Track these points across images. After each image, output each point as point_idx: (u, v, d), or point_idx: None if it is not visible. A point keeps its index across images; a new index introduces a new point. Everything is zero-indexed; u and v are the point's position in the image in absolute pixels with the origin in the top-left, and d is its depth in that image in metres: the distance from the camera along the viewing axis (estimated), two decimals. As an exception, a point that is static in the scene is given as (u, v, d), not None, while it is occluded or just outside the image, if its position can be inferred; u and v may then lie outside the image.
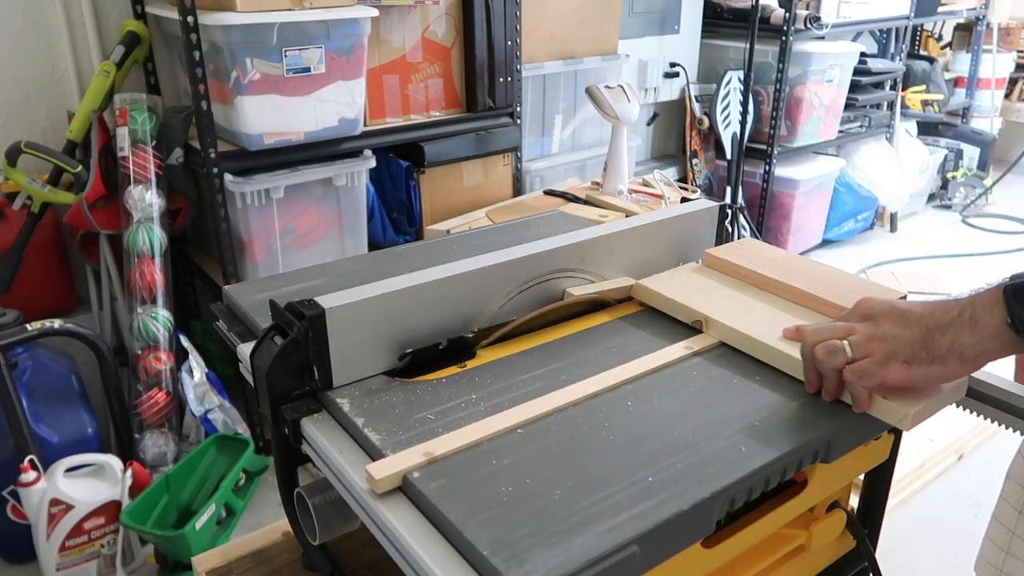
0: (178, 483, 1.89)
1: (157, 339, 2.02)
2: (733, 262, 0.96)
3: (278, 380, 0.73)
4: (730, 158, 3.43)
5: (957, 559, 1.97)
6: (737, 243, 1.02)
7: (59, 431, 1.87)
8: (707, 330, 0.86)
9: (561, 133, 2.84)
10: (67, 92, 2.20)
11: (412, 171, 2.32)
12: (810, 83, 3.41)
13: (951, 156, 4.52)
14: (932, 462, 2.27)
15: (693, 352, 0.82)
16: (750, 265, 0.94)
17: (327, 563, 0.88)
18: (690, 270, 0.99)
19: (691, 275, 0.97)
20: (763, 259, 0.96)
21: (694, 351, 0.82)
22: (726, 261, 0.97)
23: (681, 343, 0.84)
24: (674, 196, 2.46)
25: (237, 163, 1.97)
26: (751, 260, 0.95)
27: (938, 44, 4.86)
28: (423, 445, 0.66)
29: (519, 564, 0.53)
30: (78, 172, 2.03)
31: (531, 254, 0.88)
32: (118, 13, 2.21)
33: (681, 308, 0.89)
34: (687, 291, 0.92)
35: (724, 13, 3.50)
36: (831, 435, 0.70)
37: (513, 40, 2.39)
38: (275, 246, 2.08)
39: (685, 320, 0.89)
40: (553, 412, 0.72)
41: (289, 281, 0.98)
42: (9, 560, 1.94)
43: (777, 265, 0.94)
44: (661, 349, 0.83)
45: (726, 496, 0.62)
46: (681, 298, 0.90)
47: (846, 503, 0.85)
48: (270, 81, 1.89)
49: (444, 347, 0.82)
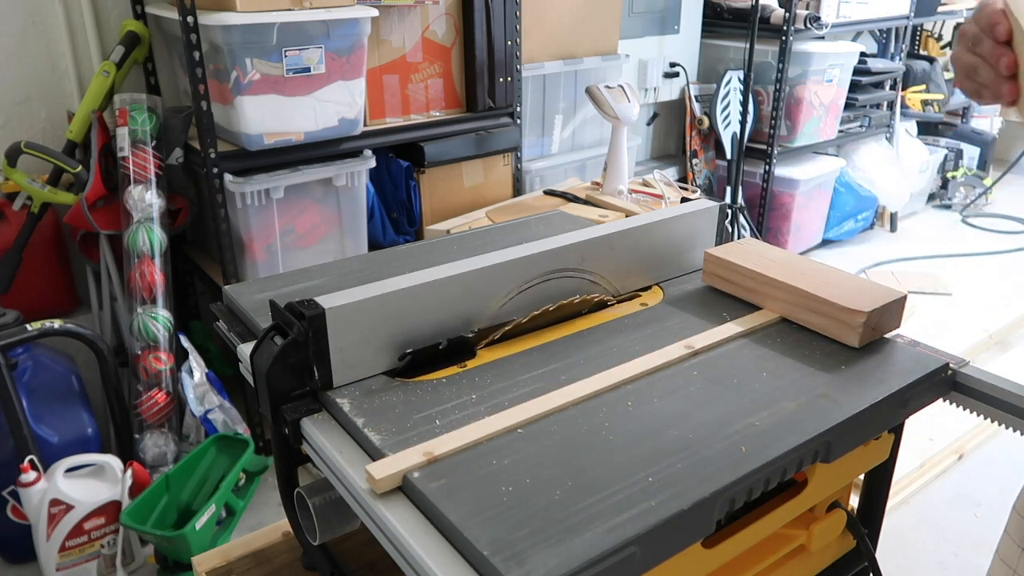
0: (178, 483, 1.89)
1: (157, 339, 2.02)
2: (733, 262, 0.96)
3: (278, 380, 0.73)
4: (730, 158, 3.43)
5: (957, 559, 1.97)
6: (737, 243, 1.02)
7: (59, 431, 1.87)
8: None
9: (561, 133, 2.84)
10: (67, 92, 2.20)
11: (412, 171, 2.32)
12: (810, 83, 3.41)
13: (951, 156, 4.52)
14: (932, 462, 2.27)
15: (694, 352, 0.82)
16: (751, 265, 0.94)
17: (327, 563, 0.88)
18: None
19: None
20: (764, 259, 0.96)
21: (694, 351, 0.82)
22: (726, 261, 0.96)
23: (682, 342, 0.84)
24: (674, 196, 2.46)
25: (237, 163, 1.97)
26: (752, 260, 0.95)
27: (938, 44, 4.86)
28: (423, 445, 0.66)
29: (519, 564, 0.53)
30: (78, 172, 2.03)
31: (531, 254, 0.88)
32: (118, 13, 2.21)
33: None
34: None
35: (724, 13, 3.50)
36: (831, 435, 0.70)
37: (513, 40, 2.39)
38: (275, 246, 2.08)
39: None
40: (553, 412, 0.72)
41: (289, 281, 0.98)
42: (9, 560, 1.94)
43: (778, 265, 0.94)
44: (661, 349, 0.83)
45: (726, 496, 0.62)
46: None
47: (846, 503, 0.85)
48: (270, 81, 1.89)
49: (444, 347, 0.82)
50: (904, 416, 0.77)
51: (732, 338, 0.85)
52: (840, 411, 0.72)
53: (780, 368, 0.79)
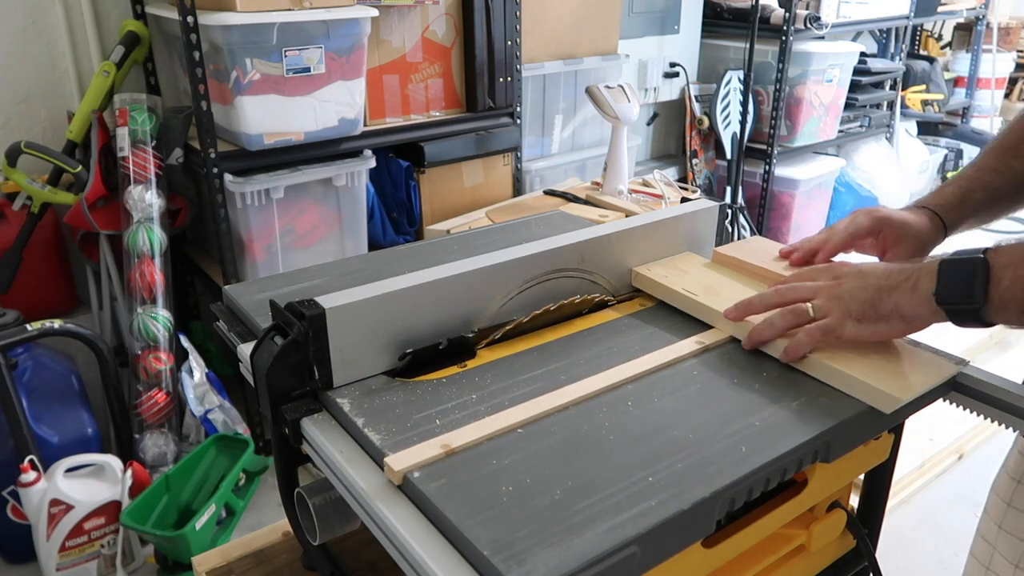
0: (178, 483, 1.89)
1: (157, 339, 2.02)
2: (742, 260, 0.96)
3: (278, 380, 0.73)
4: (730, 158, 3.43)
5: (957, 559, 1.97)
6: (745, 241, 1.03)
7: (59, 431, 1.87)
8: (717, 325, 0.87)
9: (561, 133, 2.84)
10: (67, 92, 2.20)
11: (412, 171, 2.32)
12: (810, 83, 3.41)
13: (951, 156, 4.52)
14: (932, 462, 2.27)
15: (694, 352, 0.82)
16: (760, 263, 0.95)
17: (327, 563, 0.88)
18: (700, 264, 0.99)
19: (701, 269, 0.98)
20: (772, 256, 0.96)
21: (694, 351, 0.82)
22: (735, 259, 0.97)
23: (682, 342, 0.84)
24: (674, 196, 2.46)
25: (237, 163, 1.97)
26: (760, 258, 0.96)
27: (938, 44, 4.86)
28: (441, 438, 0.67)
29: (519, 564, 0.53)
30: (78, 172, 2.03)
31: (531, 254, 0.88)
32: (118, 13, 2.21)
33: (690, 302, 0.90)
34: (694, 285, 0.92)
35: (724, 13, 3.50)
36: (831, 435, 0.70)
37: (513, 40, 2.39)
38: (275, 246, 2.08)
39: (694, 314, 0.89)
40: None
41: (289, 281, 0.98)
42: (9, 560, 1.94)
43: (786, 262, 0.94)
44: (661, 349, 0.83)
45: (726, 496, 0.62)
46: (690, 292, 0.90)
47: (846, 503, 0.85)
48: (270, 81, 1.89)
49: (444, 347, 0.82)
50: (904, 416, 0.77)
51: (732, 338, 0.85)
52: (840, 411, 0.72)
53: (780, 368, 0.79)
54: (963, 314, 0.72)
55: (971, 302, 0.70)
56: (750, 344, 0.81)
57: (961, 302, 0.71)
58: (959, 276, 0.71)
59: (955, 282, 0.71)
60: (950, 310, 0.72)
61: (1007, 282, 0.69)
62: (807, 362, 0.78)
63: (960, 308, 0.71)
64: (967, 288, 0.70)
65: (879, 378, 0.73)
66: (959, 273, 0.71)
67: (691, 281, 0.94)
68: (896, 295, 0.74)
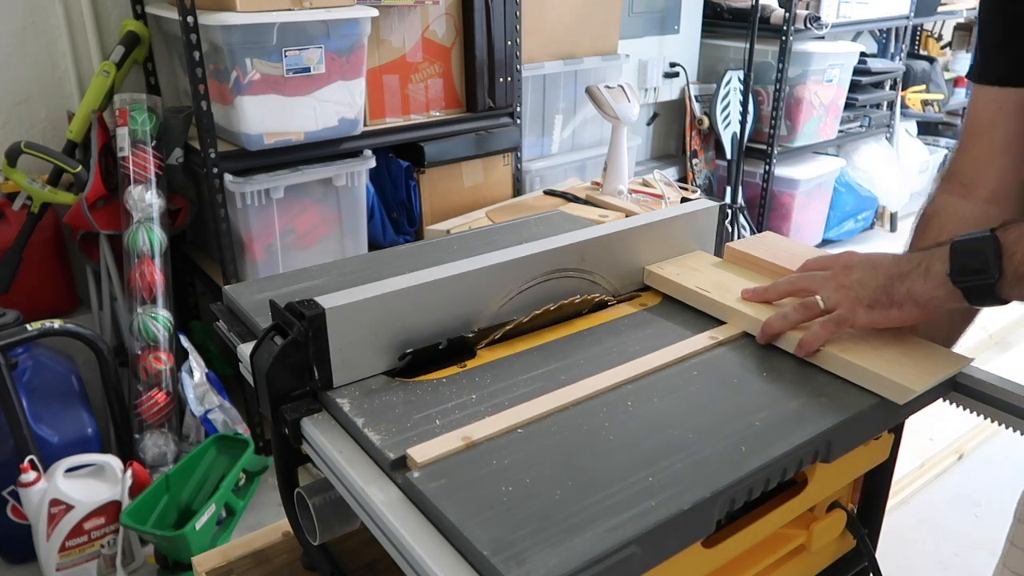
0: (178, 483, 1.89)
1: (157, 339, 2.02)
2: (755, 256, 0.96)
3: (278, 380, 0.73)
4: (730, 158, 3.43)
5: (957, 559, 1.98)
6: (758, 237, 1.03)
7: (59, 431, 1.87)
8: (730, 321, 0.87)
9: (561, 133, 2.84)
10: (67, 92, 2.20)
11: (412, 171, 2.32)
12: (810, 83, 3.41)
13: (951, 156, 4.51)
14: (932, 462, 2.27)
15: (708, 346, 0.83)
16: (773, 259, 0.95)
17: (327, 563, 0.88)
18: (710, 262, 1.00)
19: (711, 267, 0.98)
20: (785, 252, 0.97)
21: (708, 345, 0.83)
22: (747, 254, 0.97)
23: (696, 337, 0.84)
24: (674, 196, 2.46)
25: (237, 163, 1.97)
26: (773, 253, 0.96)
27: (938, 44, 4.86)
28: (462, 430, 0.68)
29: (519, 564, 0.53)
30: (78, 172, 2.03)
31: (531, 254, 0.88)
32: (118, 13, 2.21)
33: (703, 299, 0.90)
34: (706, 282, 0.93)
35: (724, 13, 3.50)
36: (831, 435, 0.70)
37: (513, 40, 2.39)
38: (275, 246, 2.08)
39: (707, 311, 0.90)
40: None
41: (289, 281, 0.98)
42: (9, 560, 1.94)
43: (799, 258, 0.94)
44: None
45: (726, 496, 0.62)
46: (703, 289, 0.91)
47: (846, 503, 0.85)
48: (270, 81, 1.89)
49: (444, 347, 0.82)
50: (904, 416, 0.77)
51: (733, 338, 0.85)
52: (840, 411, 0.72)
53: (780, 367, 0.79)
54: (979, 291, 0.73)
55: (986, 277, 0.72)
56: (764, 338, 0.82)
57: (976, 278, 0.72)
58: (972, 253, 0.73)
59: (969, 260, 0.73)
60: (966, 288, 0.73)
61: (1020, 255, 0.71)
62: (820, 356, 0.78)
63: (976, 285, 0.72)
64: (982, 264, 0.72)
65: (892, 370, 0.74)
66: (971, 251, 0.73)
67: (703, 278, 0.94)
68: (908, 281, 0.76)
